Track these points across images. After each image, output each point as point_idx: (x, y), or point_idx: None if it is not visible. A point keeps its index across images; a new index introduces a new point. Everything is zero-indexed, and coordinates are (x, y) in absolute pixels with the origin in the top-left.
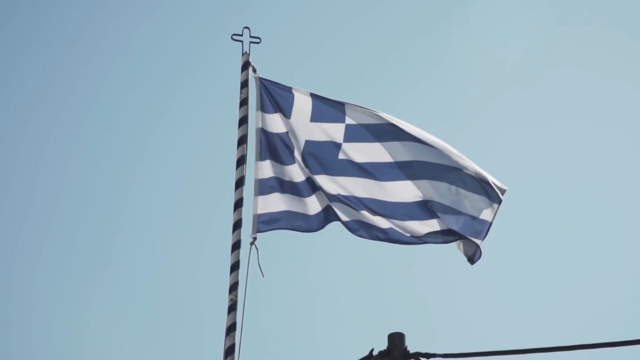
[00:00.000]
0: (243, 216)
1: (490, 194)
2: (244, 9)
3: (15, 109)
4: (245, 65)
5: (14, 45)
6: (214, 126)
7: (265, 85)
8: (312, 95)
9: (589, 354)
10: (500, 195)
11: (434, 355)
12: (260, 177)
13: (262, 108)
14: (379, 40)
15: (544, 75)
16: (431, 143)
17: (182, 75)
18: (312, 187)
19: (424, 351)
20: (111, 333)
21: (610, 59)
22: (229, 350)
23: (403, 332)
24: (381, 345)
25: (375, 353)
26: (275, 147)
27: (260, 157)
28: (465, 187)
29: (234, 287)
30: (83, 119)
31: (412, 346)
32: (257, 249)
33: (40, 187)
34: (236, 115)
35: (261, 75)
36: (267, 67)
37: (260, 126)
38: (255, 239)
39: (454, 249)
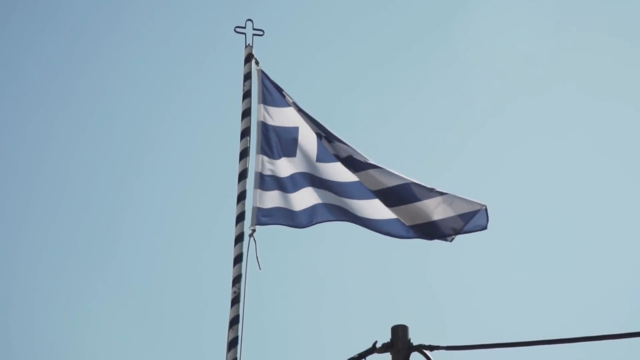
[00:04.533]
0: (246, 209)
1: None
2: (247, 1)
3: (19, 104)
4: (248, 58)
5: (16, 41)
6: (217, 119)
7: (269, 80)
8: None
9: (589, 346)
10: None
11: (437, 348)
12: (260, 170)
13: (265, 101)
14: (384, 39)
15: (551, 76)
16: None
17: (185, 68)
18: (300, 182)
19: (427, 343)
20: (115, 326)
21: (614, 65)
22: (232, 343)
23: (406, 324)
24: (385, 337)
25: (378, 345)
26: (270, 141)
27: (261, 150)
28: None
29: (237, 280)
30: (87, 112)
31: (415, 339)
32: (255, 241)
33: (44, 180)
34: (239, 107)
35: (264, 70)
36: (270, 60)
37: (261, 119)
38: (254, 231)
39: (458, 243)
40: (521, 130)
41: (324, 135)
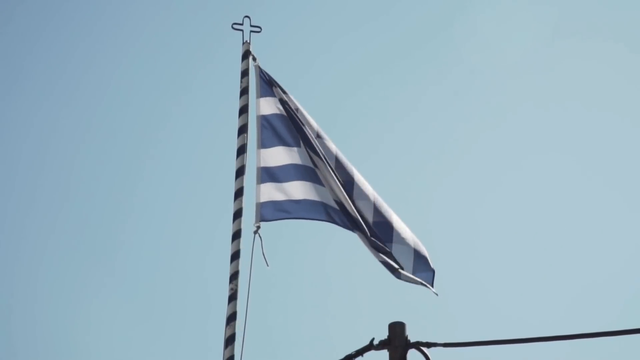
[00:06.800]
0: (244, 205)
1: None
2: None
3: (20, 106)
4: (246, 55)
5: (18, 42)
6: (214, 116)
7: (265, 75)
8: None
9: (587, 344)
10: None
11: (435, 345)
12: (262, 165)
13: (264, 94)
14: (384, 43)
15: (554, 82)
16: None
17: (182, 65)
18: (303, 175)
19: (424, 340)
20: (112, 323)
21: (615, 72)
22: (229, 340)
23: (404, 321)
24: (382, 334)
25: (375, 342)
26: (270, 130)
27: (262, 144)
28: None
29: (234, 277)
30: (88, 111)
31: (412, 336)
32: (261, 238)
33: (46, 177)
34: (237, 104)
35: (261, 66)
36: (268, 57)
37: (260, 114)
38: (258, 227)
39: (457, 242)
40: (524, 136)
41: (316, 134)
